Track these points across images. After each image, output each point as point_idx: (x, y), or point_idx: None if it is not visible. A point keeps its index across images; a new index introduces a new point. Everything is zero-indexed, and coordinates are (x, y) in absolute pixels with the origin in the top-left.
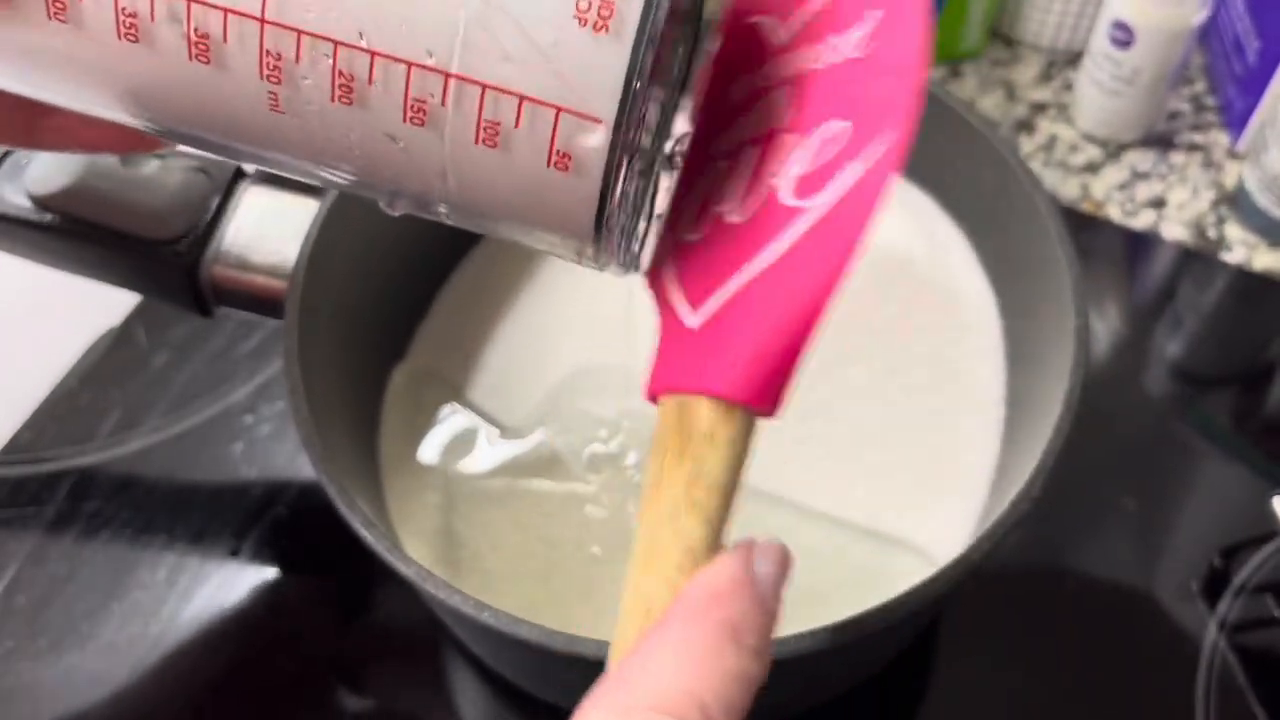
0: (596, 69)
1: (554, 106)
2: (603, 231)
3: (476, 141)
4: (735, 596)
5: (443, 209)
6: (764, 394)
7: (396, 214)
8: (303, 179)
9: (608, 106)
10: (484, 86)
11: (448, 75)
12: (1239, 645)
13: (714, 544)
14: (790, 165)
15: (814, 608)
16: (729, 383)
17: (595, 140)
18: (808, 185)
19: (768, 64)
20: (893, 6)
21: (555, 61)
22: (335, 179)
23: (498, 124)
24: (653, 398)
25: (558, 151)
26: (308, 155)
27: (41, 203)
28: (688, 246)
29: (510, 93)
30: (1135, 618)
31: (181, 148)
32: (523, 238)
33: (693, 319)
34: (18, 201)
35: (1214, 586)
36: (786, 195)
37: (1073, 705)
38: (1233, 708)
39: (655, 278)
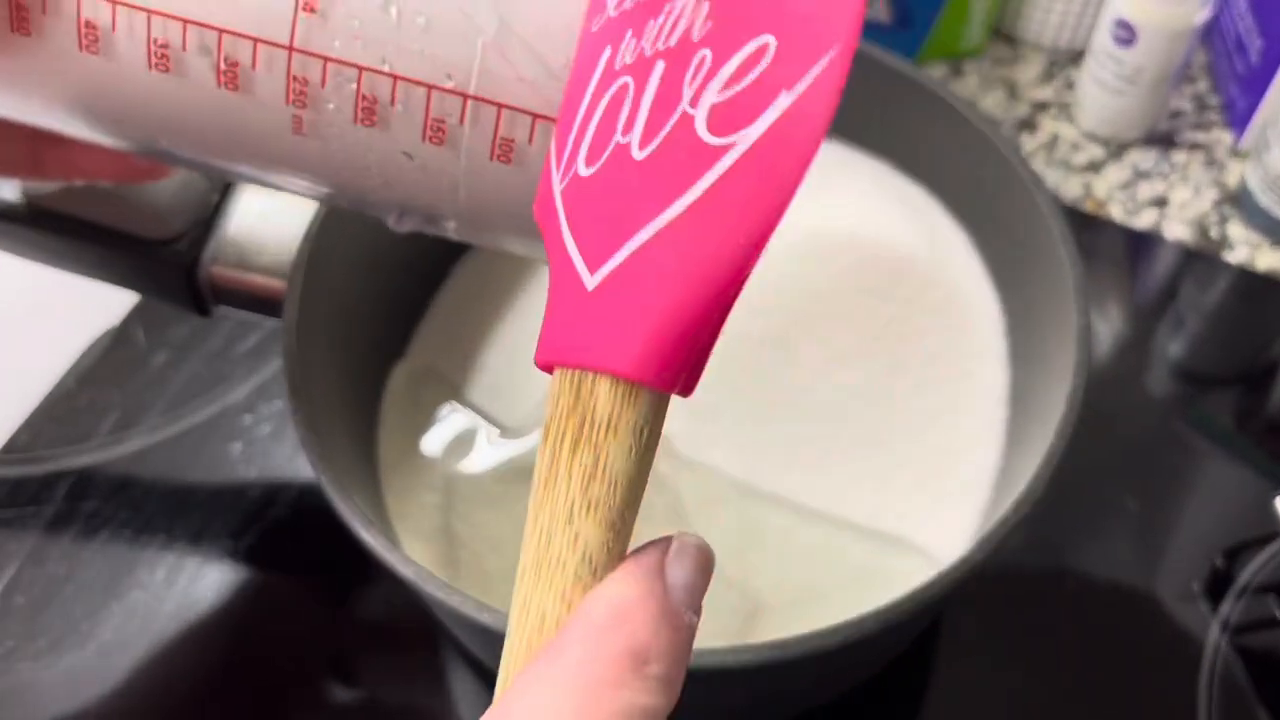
0: None
1: None
2: None
3: (492, 157)
4: (642, 615)
5: (451, 224)
6: (673, 373)
7: (403, 230)
8: (310, 197)
9: None
10: (500, 106)
11: (466, 97)
12: (1241, 646)
13: (617, 549)
14: (706, 89)
15: (815, 608)
16: (633, 360)
17: None
18: (727, 116)
19: None
20: None
21: (565, 81)
22: (345, 197)
23: (512, 140)
24: (545, 368)
25: None
26: (323, 175)
27: (40, 202)
28: (582, 181)
29: (525, 111)
30: (1137, 618)
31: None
32: (525, 249)
33: (590, 278)
34: (16, 201)
35: (1216, 587)
36: (701, 127)
37: (1074, 706)
38: (1235, 709)
39: (544, 212)
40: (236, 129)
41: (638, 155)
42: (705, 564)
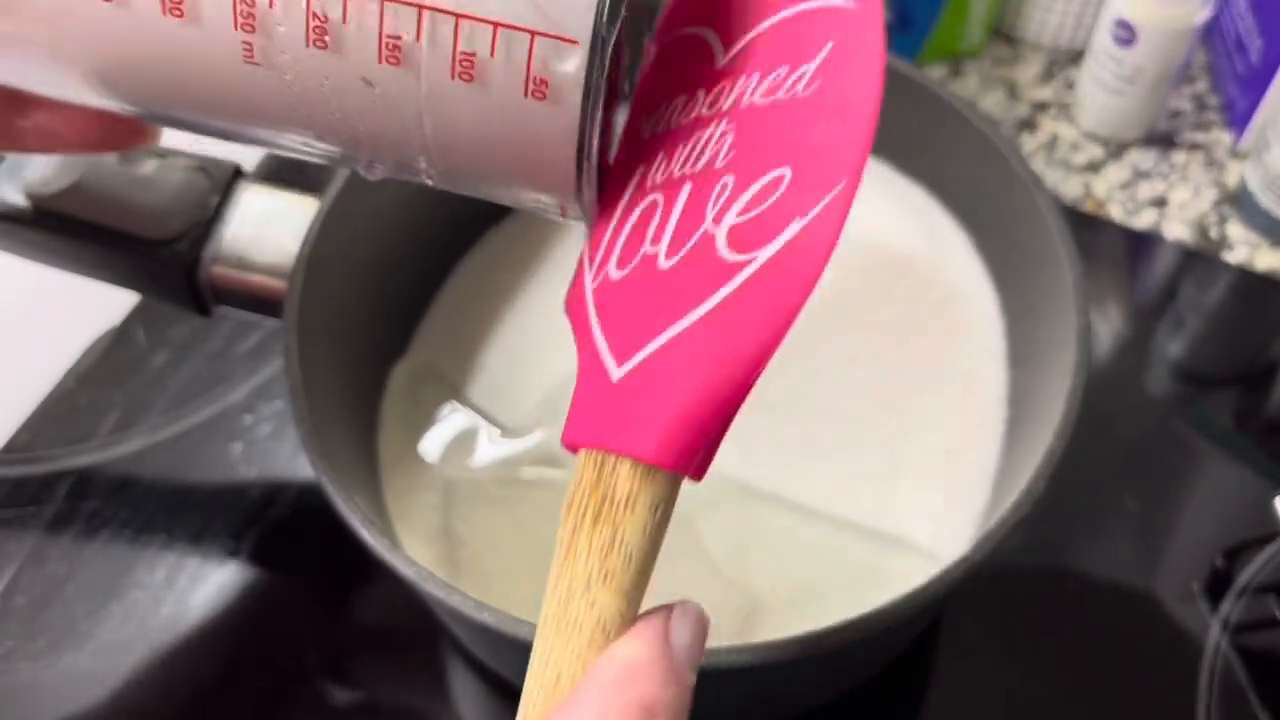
0: None
1: (529, 31)
2: (584, 166)
3: (452, 76)
4: (650, 673)
5: (423, 162)
6: (688, 458)
7: (375, 178)
8: (283, 150)
9: (582, 25)
10: (458, 17)
11: (421, 8)
12: (1241, 646)
13: (629, 613)
14: (727, 212)
15: (815, 607)
16: (652, 446)
17: (572, 63)
18: (745, 237)
19: (708, 87)
20: (846, 39)
21: None
22: (312, 145)
23: (473, 55)
24: (571, 448)
25: (535, 79)
26: (284, 113)
27: (41, 202)
28: (612, 284)
29: (484, 21)
30: (1137, 618)
31: (178, 150)
32: (506, 191)
33: (616, 371)
34: (17, 201)
35: (1216, 587)
36: (722, 245)
37: (1074, 706)
38: (1235, 709)
39: (576, 307)
40: (185, 63)
41: (663, 265)
42: (702, 627)
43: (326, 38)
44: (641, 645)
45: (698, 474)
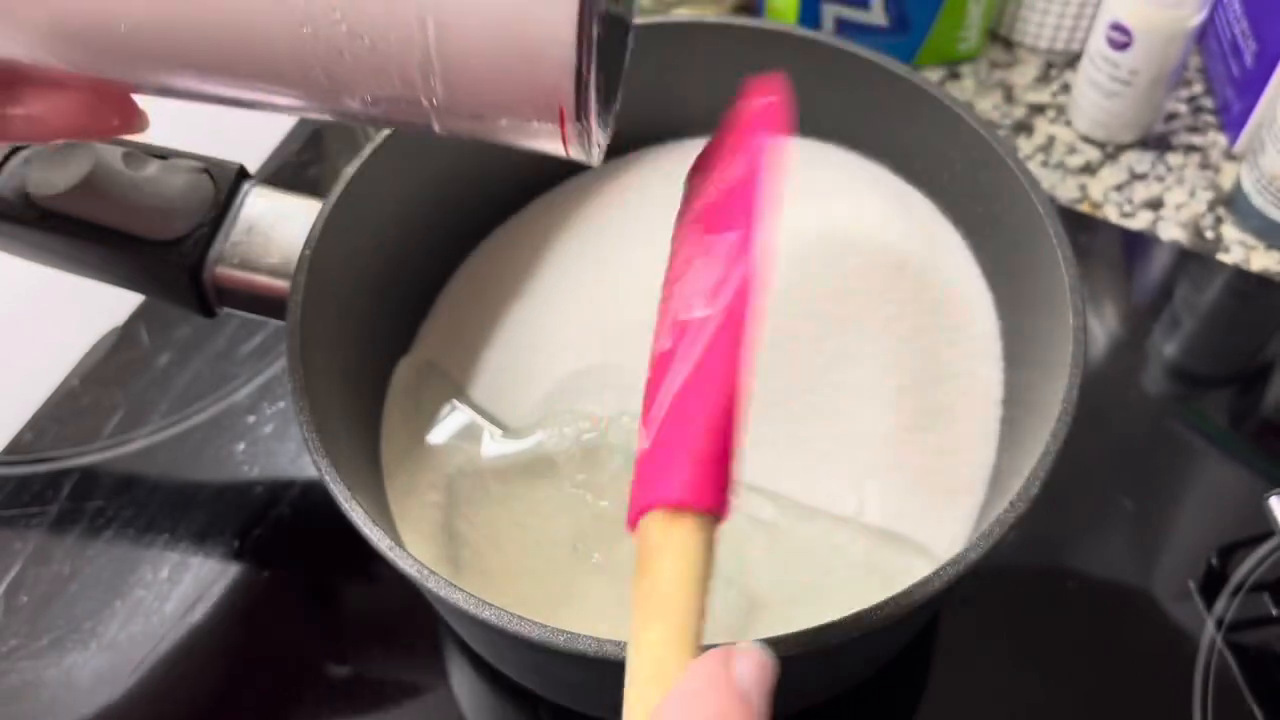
0: None
1: None
2: (583, 66)
3: None
4: (709, 693)
5: (423, 83)
6: (701, 493)
7: (377, 112)
8: (286, 98)
9: None
10: None
11: None
12: (1236, 644)
13: (684, 651)
14: (700, 282)
15: (814, 605)
16: (668, 489)
17: None
18: (711, 296)
19: (691, 210)
20: (757, 129)
21: None
22: (311, 83)
23: None
24: (631, 530)
25: None
26: (286, 40)
27: (45, 204)
28: (646, 386)
29: None
30: (1133, 617)
31: (182, 151)
32: (508, 115)
33: (645, 443)
34: (21, 203)
35: (1211, 585)
36: (699, 309)
37: (1070, 703)
38: (1230, 706)
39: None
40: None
41: (665, 346)
42: (765, 665)
43: None
44: (701, 671)
45: (715, 506)
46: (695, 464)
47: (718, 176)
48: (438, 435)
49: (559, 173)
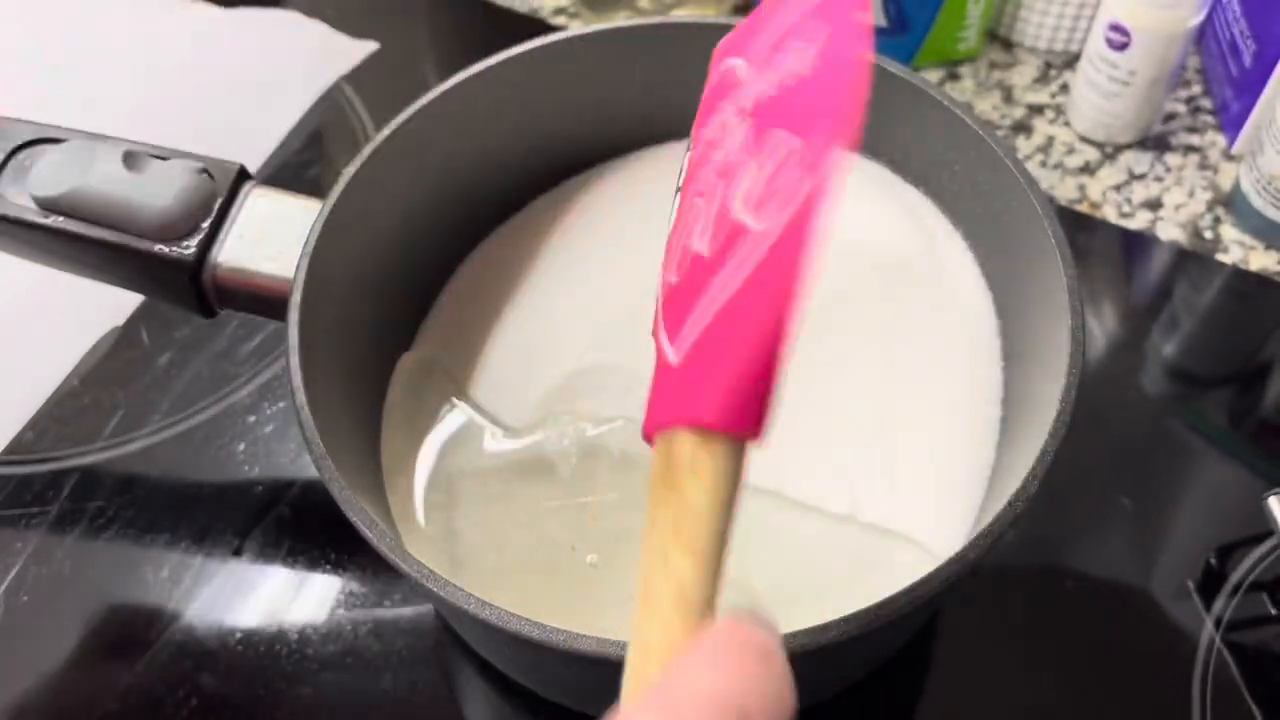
0: None
1: None
2: None
3: None
4: (740, 657)
5: None
6: (740, 416)
7: None
8: None
9: None
10: None
11: None
12: (1235, 643)
13: (707, 581)
14: (749, 189)
15: (812, 603)
16: (705, 410)
17: None
18: (763, 206)
19: (733, 97)
20: (836, 20)
21: None
22: None
23: None
24: (647, 439)
25: None
26: None
27: (45, 205)
28: (670, 288)
29: None
30: (1131, 616)
31: (182, 152)
32: None
33: (673, 356)
34: (22, 203)
35: (1210, 585)
36: (746, 218)
37: (1069, 702)
38: (1229, 705)
39: (654, 328)
40: None
41: (706, 255)
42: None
43: None
44: (720, 629)
45: (753, 431)
46: (740, 383)
47: (773, 62)
48: (438, 435)
49: (559, 173)
